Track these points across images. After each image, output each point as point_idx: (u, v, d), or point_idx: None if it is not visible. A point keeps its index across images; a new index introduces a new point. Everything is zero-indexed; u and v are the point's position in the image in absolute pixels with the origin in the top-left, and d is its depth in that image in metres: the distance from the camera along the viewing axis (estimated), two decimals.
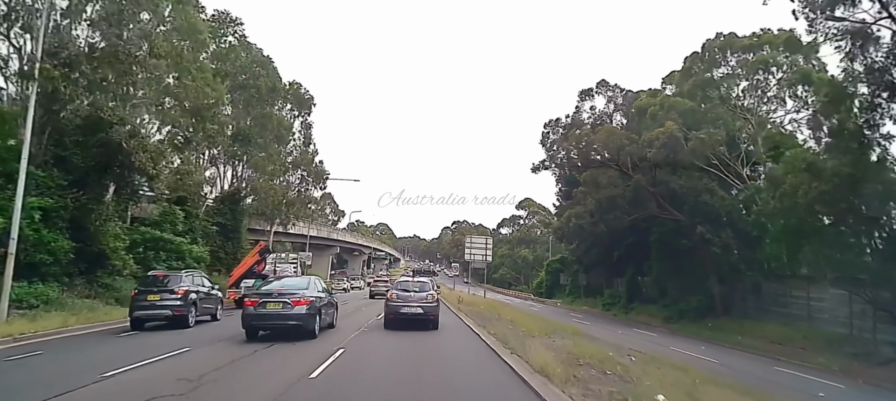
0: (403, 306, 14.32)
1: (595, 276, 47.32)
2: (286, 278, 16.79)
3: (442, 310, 16.49)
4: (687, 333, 26.84)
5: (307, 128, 45.09)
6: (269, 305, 11.58)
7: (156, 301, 13.47)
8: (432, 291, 15.23)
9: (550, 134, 33.35)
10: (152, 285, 13.91)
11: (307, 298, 11.86)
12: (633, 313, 36.48)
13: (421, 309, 14.21)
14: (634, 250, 37.11)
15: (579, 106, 37.13)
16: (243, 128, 30.62)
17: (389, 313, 14.49)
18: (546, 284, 57.78)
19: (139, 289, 13.84)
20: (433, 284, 16.71)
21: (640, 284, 38.64)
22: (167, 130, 23.75)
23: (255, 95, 29.20)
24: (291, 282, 13.94)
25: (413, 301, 14.38)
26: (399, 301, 14.49)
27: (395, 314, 14.29)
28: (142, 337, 12.23)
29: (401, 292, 14.95)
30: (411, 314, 14.16)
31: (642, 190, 28.08)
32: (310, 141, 45.35)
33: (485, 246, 31.35)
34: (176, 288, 13.93)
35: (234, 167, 33.23)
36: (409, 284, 15.93)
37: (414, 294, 14.70)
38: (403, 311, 14.21)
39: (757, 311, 26.44)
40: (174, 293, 13.78)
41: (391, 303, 14.61)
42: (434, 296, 15.05)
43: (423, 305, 14.29)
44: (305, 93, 44.04)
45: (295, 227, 48.38)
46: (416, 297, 14.55)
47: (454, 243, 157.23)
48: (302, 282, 13.59)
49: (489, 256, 32.19)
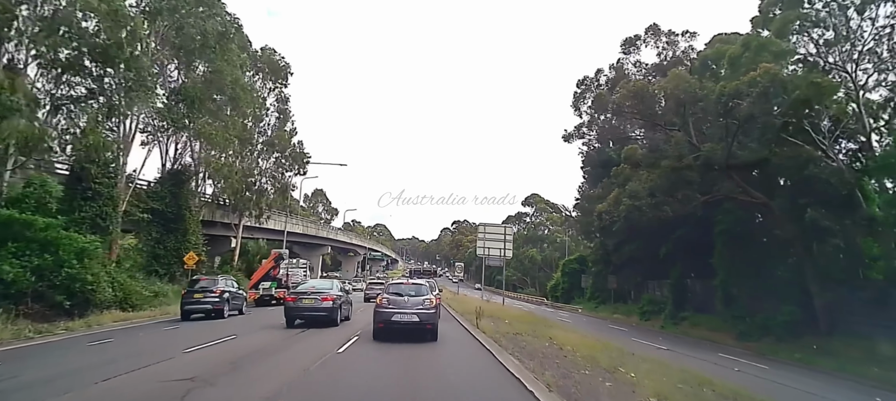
0: (396, 312, 12.09)
1: (625, 277, 40.06)
2: (316, 281, 21.11)
3: (458, 339, 13.29)
4: (784, 357, 19.66)
5: (283, 102, 37.82)
6: (305, 300, 15.27)
7: (200, 298, 17.41)
8: (431, 296, 12.70)
9: (586, 94, 25.88)
10: (196, 286, 17.96)
11: (332, 296, 15.46)
12: (684, 324, 29.17)
13: (417, 317, 12.03)
14: (686, 246, 29.85)
15: (622, 59, 29.33)
16: (186, 86, 23.26)
17: (379, 322, 12.24)
18: (563, 288, 50.47)
19: (187, 290, 17.94)
20: (433, 287, 14.96)
21: (689, 289, 31.30)
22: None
23: (197, 41, 21.85)
24: (320, 284, 17.82)
25: (408, 307, 12.16)
26: (391, 307, 12.21)
27: (385, 323, 12.12)
28: (193, 326, 15.06)
29: (393, 297, 12.56)
30: (405, 323, 11.99)
31: (714, 163, 20.71)
32: (287, 118, 38.04)
33: (503, 238, 24.08)
34: (214, 289, 17.81)
35: (177, 140, 25.85)
36: (404, 286, 13.43)
37: (409, 299, 12.35)
38: (396, 319, 12.03)
39: (875, 328, 19.16)
40: (213, 292, 17.62)
41: (381, 309, 12.27)
42: (433, 301, 12.57)
43: (420, 311, 12.10)
44: (280, 59, 36.80)
45: (270, 221, 41.01)
46: (412, 302, 12.26)
47: (454, 244, 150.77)
48: (327, 284, 17.72)
49: (509, 250, 24.92)
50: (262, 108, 35.46)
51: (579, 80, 26.41)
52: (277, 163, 37.53)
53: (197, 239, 26.35)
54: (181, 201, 24.70)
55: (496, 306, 23.34)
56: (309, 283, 18.86)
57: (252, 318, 18.04)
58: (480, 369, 8.93)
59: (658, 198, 22.03)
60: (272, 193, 37.67)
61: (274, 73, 36.53)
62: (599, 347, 11.91)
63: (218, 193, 33.78)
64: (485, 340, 12.36)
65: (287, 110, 37.87)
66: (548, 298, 59.14)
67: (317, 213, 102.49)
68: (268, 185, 37.38)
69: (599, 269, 44.70)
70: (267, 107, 36.96)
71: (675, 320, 30.01)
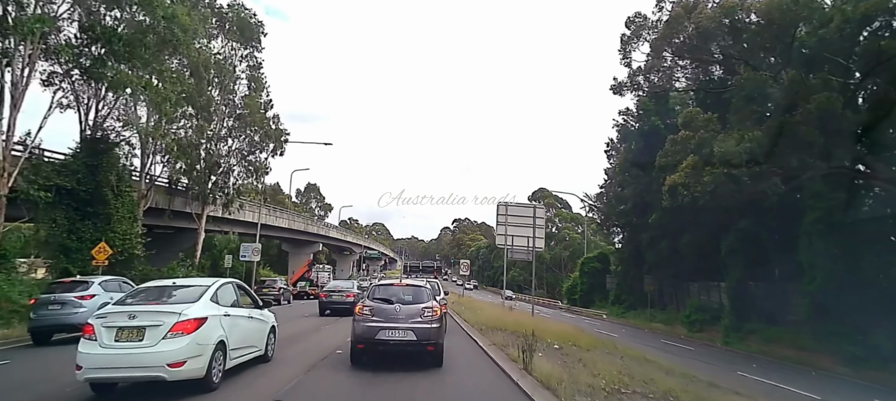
0: (383, 327, 8.13)
1: (659, 279, 33.99)
2: (339, 282, 28.96)
3: None
4: None
5: (255, 68, 31.64)
6: (334, 296, 20.58)
7: (265, 292, 23.81)
8: (432, 302, 8.57)
9: (639, 36, 19.62)
10: (264, 285, 27.67)
11: (353, 292, 20.22)
12: (752, 339, 23.07)
13: (413, 334, 8.08)
14: (749, 241, 23.80)
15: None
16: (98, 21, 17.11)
17: (359, 341, 8.31)
18: (581, 289, 44.33)
19: (259, 286, 26.40)
20: (435, 291, 11.48)
21: (752, 295, 25.15)
22: None
23: None
24: (343, 284, 24.53)
25: (400, 319, 8.18)
26: (376, 319, 8.22)
27: (367, 342, 8.24)
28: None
29: (379, 304, 8.45)
30: (397, 342, 8.08)
31: (828, 121, 14.55)
32: (261, 87, 31.87)
33: (532, 221, 17.95)
34: (274, 286, 27.93)
35: (99, 98, 19.60)
36: (395, 289, 8.98)
37: (401, 308, 8.33)
38: (383, 336, 8.09)
39: None
40: (274, 289, 26.96)
41: (362, 322, 8.28)
42: (435, 310, 8.42)
43: (418, 325, 8.15)
44: (251, 16, 30.64)
45: (244, 212, 34.86)
46: (406, 312, 8.26)
47: (455, 243, 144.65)
48: (348, 284, 24.40)
49: (540, 240, 18.75)
50: (225, 73, 29.33)
51: (629, 19, 20.16)
52: (249, 140, 31.40)
53: (129, 228, 20.23)
54: (101, 177, 18.51)
55: (522, 316, 17.22)
56: (332, 283, 26.52)
57: (295, 308, 25.02)
58: None
59: (762, 166, 15.74)
60: (243, 176, 31.59)
61: (244, 33, 30.38)
62: None
63: (173, 176, 27.68)
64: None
65: (260, 78, 31.69)
66: (562, 300, 53.11)
67: (310, 208, 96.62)
68: (237, 166, 31.30)
69: (627, 268, 38.60)
70: (236, 74, 30.86)
71: (740, 333, 23.88)
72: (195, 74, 25.78)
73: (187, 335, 6.26)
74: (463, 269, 38.06)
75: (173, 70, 19.78)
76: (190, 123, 26.70)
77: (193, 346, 6.29)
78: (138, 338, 6.16)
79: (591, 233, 63.26)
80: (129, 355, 6.07)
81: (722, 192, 16.35)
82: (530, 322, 14.45)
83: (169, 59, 19.89)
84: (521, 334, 12.12)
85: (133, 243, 20.39)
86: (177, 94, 20.07)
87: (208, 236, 32.86)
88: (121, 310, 6.47)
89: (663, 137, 24.01)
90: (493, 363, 8.89)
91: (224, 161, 30.79)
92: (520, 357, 8.18)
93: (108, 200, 18.96)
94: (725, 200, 17.12)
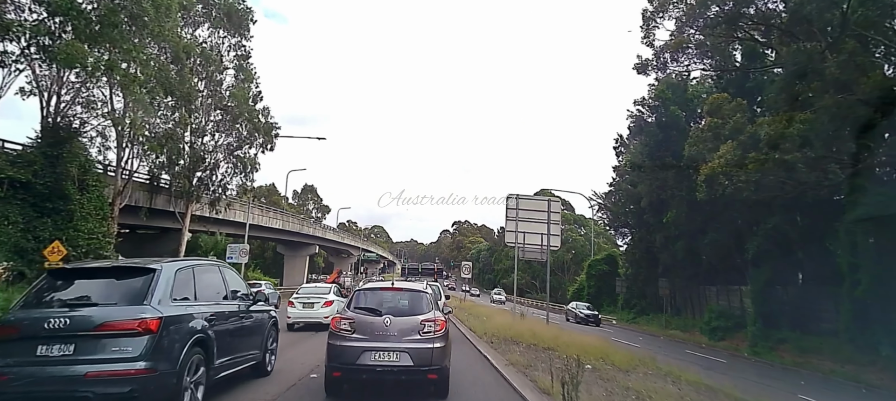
0: (369, 347, 6.14)
1: (674, 282, 32.01)
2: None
3: None
4: None
5: (244, 58, 29.65)
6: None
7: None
8: (434, 313, 6.53)
9: (664, 10, 17.51)
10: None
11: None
12: (783, 349, 21.08)
13: (408, 357, 6.09)
14: (776, 241, 21.84)
15: None
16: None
17: (335, 367, 6.34)
18: (588, 293, 42.31)
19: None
20: (435, 298, 8.10)
21: (780, 301, 23.15)
22: None
23: None
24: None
25: (391, 337, 6.21)
26: (358, 338, 6.25)
27: (347, 368, 6.26)
28: None
29: (363, 316, 6.43)
30: (386, 367, 6.09)
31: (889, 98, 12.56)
32: (250, 78, 29.86)
33: (546, 217, 15.97)
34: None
35: (61, 82, 17.56)
36: (386, 295, 6.88)
37: (392, 321, 6.30)
38: (365, 359, 6.10)
39: None
40: None
41: (340, 342, 6.27)
42: (439, 323, 6.37)
43: (415, 345, 6.16)
44: (239, 2, 28.64)
45: (233, 211, 32.86)
46: (400, 327, 6.27)
47: (455, 246, 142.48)
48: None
49: (555, 238, 16.78)
50: (211, 62, 27.36)
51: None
52: (236, 134, 29.38)
53: (96, 227, 18.19)
54: (61, 169, 16.48)
55: (536, 324, 15.21)
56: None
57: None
58: None
59: (818, 151, 13.65)
60: (231, 172, 29.58)
61: (231, 20, 28.41)
62: None
63: (154, 170, 25.72)
64: None
65: (249, 69, 29.70)
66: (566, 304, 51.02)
67: (307, 210, 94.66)
68: (224, 163, 29.30)
69: (638, 271, 36.62)
70: (224, 64, 28.87)
71: (769, 342, 21.88)
72: (176, 60, 23.83)
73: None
74: (465, 271, 36.08)
75: (143, 50, 17.76)
76: (171, 113, 24.72)
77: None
78: None
79: (595, 234, 61.33)
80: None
81: (768, 181, 14.37)
82: (548, 332, 12.44)
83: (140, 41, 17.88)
84: (543, 348, 10.15)
85: (101, 244, 18.35)
86: (148, 76, 18.06)
87: (194, 238, 30.85)
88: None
89: (683, 128, 22.10)
90: (517, 395, 6.87)
91: (210, 156, 28.81)
92: (556, 388, 6.15)
93: (71, 195, 16.92)
94: (773, 190, 15.11)
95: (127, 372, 4.56)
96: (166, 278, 5.29)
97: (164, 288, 5.18)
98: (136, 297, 5.03)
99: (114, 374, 4.54)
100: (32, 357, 4.60)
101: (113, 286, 5.30)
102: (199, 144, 27.97)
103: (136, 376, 4.58)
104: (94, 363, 4.55)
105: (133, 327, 4.72)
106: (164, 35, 18.84)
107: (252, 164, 30.16)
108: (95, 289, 5.22)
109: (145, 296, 5.02)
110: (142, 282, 5.17)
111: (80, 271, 5.92)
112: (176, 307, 5.25)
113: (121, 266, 6.01)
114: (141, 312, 4.86)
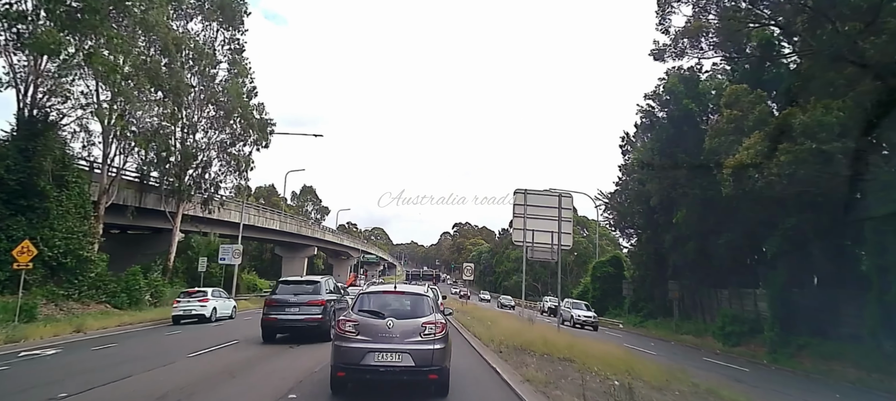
0: (372, 348, 6.38)
1: (684, 285, 30.85)
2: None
3: None
4: None
5: (237, 52, 28.65)
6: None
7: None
8: (435, 316, 6.83)
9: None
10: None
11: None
12: (804, 355, 19.94)
13: (410, 358, 6.34)
14: (798, 242, 20.67)
15: None
16: None
17: (340, 367, 6.58)
18: (593, 295, 41.10)
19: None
20: (435, 300, 8.44)
21: (797, 305, 21.98)
22: None
23: None
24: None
25: (394, 338, 6.47)
26: (362, 339, 6.48)
27: (351, 368, 6.49)
28: None
29: (366, 319, 6.66)
30: (388, 367, 6.35)
31: None
32: (243, 72, 28.85)
33: (557, 214, 14.83)
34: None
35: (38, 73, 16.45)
36: (388, 298, 7.12)
37: (395, 323, 6.56)
38: (369, 360, 6.34)
39: None
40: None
41: (345, 344, 6.51)
42: (439, 325, 6.68)
43: (417, 347, 6.42)
44: None
45: (227, 211, 31.82)
46: (401, 329, 6.52)
47: (455, 248, 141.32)
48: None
49: (567, 236, 15.64)
50: (204, 56, 26.36)
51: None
52: (230, 131, 28.36)
53: (76, 226, 17.13)
54: (35, 164, 15.40)
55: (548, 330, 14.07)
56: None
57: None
58: None
59: (859, 140, 12.53)
60: (224, 171, 28.56)
61: (224, 12, 27.43)
62: None
63: (142, 168, 24.67)
64: None
65: (243, 63, 28.69)
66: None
67: (306, 211, 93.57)
68: (217, 160, 28.28)
69: (645, 273, 35.45)
70: (217, 58, 27.87)
71: (789, 348, 20.73)
72: (166, 52, 22.80)
73: None
74: (466, 273, 34.91)
75: (128, 40, 16.68)
76: (160, 108, 23.68)
77: None
78: None
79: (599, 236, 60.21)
80: None
81: (804, 174, 13.26)
82: (561, 340, 11.32)
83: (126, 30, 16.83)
84: (559, 359, 9.06)
85: (81, 244, 17.29)
86: (134, 68, 17.02)
87: (187, 238, 29.78)
88: None
89: (696, 123, 20.98)
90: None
91: (202, 154, 27.81)
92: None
93: (47, 192, 15.87)
94: (809, 183, 13.97)
95: (317, 318, 12.72)
96: (324, 283, 13.90)
97: (324, 287, 13.59)
98: (316, 291, 13.29)
99: (313, 319, 12.67)
100: (283, 313, 12.80)
101: (305, 286, 13.59)
102: (190, 141, 27.01)
103: (320, 320, 12.68)
104: (307, 316, 12.69)
105: (320, 303, 12.98)
106: (150, 25, 17.76)
107: (246, 162, 29.21)
108: (298, 287, 13.51)
109: (319, 291, 13.29)
110: (316, 285, 13.64)
111: (291, 281, 14.33)
112: (328, 296, 13.44)
113: (307, 279, 15.13)
114: (320, 297, 13.12)
